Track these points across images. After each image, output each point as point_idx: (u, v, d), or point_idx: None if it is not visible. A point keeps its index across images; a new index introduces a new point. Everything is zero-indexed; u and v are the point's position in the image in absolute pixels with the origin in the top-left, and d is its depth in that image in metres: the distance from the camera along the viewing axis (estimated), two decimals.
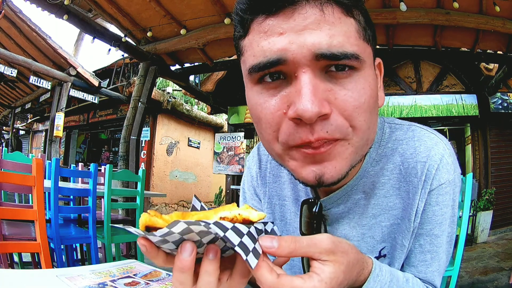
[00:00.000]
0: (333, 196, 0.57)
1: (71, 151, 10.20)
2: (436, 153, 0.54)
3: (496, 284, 3.02)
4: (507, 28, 3.30)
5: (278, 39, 0.41)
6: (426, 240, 0.56)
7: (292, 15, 0.41)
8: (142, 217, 0.33)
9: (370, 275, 0.44)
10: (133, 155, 4.21)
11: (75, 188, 2.66)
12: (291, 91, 0.42)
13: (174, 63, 4.73)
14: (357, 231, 0.58)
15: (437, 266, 0.57)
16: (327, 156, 0.44)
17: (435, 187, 0.54)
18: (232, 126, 7.02)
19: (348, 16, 0.42)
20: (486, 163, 5.28)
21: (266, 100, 0.44)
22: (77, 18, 3.53)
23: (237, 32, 0.48)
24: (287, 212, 0.66)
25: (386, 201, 0.56)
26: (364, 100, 0.43)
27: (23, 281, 0.61)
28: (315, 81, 0.41)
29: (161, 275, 0.72)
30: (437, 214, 0.55)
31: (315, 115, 0.40)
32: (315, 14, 0.40)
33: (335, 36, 0.40)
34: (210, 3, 3.44)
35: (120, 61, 8.03)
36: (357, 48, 0.42)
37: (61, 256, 2.10)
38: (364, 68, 0.44)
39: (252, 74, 0.44)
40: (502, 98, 5.18)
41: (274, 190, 0.68)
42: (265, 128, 0.45)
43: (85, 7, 3.79)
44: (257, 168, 0.70)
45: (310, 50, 0.40)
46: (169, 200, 8.69)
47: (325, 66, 0.42)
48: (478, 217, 4.85)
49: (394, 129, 0.58)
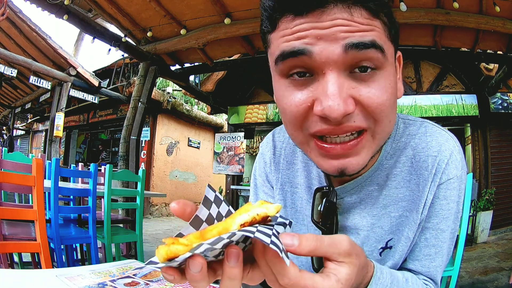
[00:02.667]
0: (348, 185, 0.58)
1: (71, 151, 10.21)
2: (446, 149, 0.56)
3: (496, 284, 3.02)
4: (507, 28, 3.30)
5: (306, 33, 0.42)
6: (432, 234, 0.57)
7: (320, 16, 0.42)
8: (160, 251, 0.31)
9: (372, 278, 0.44)
10: (133, 155, 4.21)
11: (75, 188, 2.66)
12: (317, 87, 0.44)
13: (174, 63, 4.72)
14: (367, 220, 0.59)
15: (440, 261, 0.58)
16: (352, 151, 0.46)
17: (444, 181, 0.56)
18: (232, 126, 7.02)
19: (374, 18, 0.44)
20: (486, 163, 5.27)
21: (292, 93, 0.46)
22: (77, 18, 3.53)
23: (264, 27, 0.49)
24: (298, 199, 0.66)
25: (396, 192, 0.58)
26: (386, 98, 0.45)
27: (23, 281, 0.61)
28: (341, 80, 0.43)
29: (160, 275, 0.72)
30: (444, 209, 0.57)
31: (341, 115, 0.42)
32: (344, 16, 0.42)
33: (364, 32, 0.42)
34: (210, 3, 3.44)
35: (120, 61, 8.03)
36: (383, 44, 0.44)
37: (61, 256, 2.10)
38: (386, 66, 0.46)
39: (278, 64, 0.46)
40: (502, 98, 5.18)
41: (287, 177, 0.68)
42: (289, 119, 0.48)
43: (85, 7, 3.79)
44: (271, 154, 0.71)
45: (339, 43, 0.41)
46: (169, 200, 8.69)
47: (350, 65, 0.43)
48: (478, 217, 4.85)
49: (407, 124, 0.60)
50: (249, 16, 3.58)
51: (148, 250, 4.09)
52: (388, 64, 0.46)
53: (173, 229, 6.45)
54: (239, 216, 0.33)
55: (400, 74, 0.54)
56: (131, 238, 2.79)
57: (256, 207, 0.34)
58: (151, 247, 4.45)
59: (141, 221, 2.74)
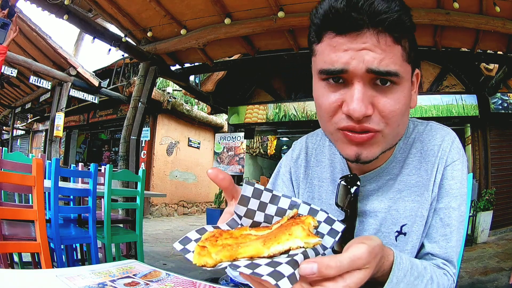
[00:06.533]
0: (368, 174, 0.70)
1: (71, 151, 10.21)
2: (448, 138, 0.70)
3: (496, 285, 3.02)
4: (507, 28, 3.30)
5: (343, 54, 0.55)
6: (445, 213, 0.67)
7: (356, 38, 0.54)
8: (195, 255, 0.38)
9: (394, 264, 0.49)
10: (133, 155, 4.21)
11: (75, 188, 2.66)
12: (346, 93, 0.57)
13: (174, 63, 4.72)
14: (384, 204, 0.70)
15: (455, 241, 0.66)
16: (366, 143, 0.59)
17: (449, 163, 0.68)
18: (232, 126, 7.02)
19: (396, 44, 0.55)
20: (486, 163, 5.27)
21: (327, 94, 0.59)
22: (77, 18, 3.53)
23: (311, 37, 0.62)
24: (324, 192, 0.78)
25: (409, 179, 0.69)
26: (398, 107, 0.57)
27: (23, 281, 0.61)
28: (364, 89, 0.55)
29: (160, 275, 0.72)
30: (453, 188, 0.67)
31: (362, 115, 0.55)
32: (372, 40, 0.54)
33: (384, 59, 0.54)
34: (210, 3, 3.44)
35: (120, 61, 8.03)
36: (399, 68, 0.56)
37: (61, 256, 2.10)
38: (403, 83, 0.58)
39: (321, 75, 0.59)
40: (502, 99, 5.18)
41: (316, 173, 0.81)
42: (323, 113, 0.61)
43: (85, 7, 3.78)
44: (304, 153, 0.85)
45: (365, 65, 0.54)
46: (169, 200, 8.69)
47: (373, 79, 0.55)
48: (478, 217, 4.85)
49: (416, 125, 0.74)
50: (249, 16, 3.58)
51: (148, 250, 4.09)
52: (404, 81, 0.58)
53: (173, 229, 6.45)
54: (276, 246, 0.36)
55: (416, 88, 0.66)
56: (131, 238, 2.79)
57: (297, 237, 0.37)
58: (151, 247, 4.44)
59: (141, 221, 2.74)
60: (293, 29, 3.76)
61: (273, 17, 3.46)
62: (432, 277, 0.58)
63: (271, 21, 3.51)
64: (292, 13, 3.39)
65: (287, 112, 6.38)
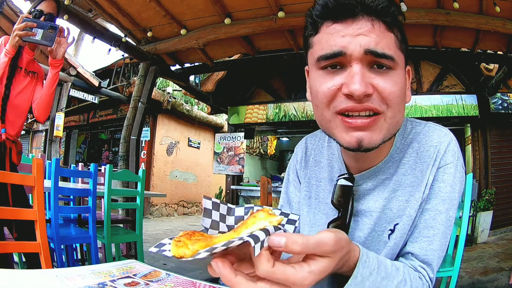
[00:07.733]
0: (365, 173, 0.70)
1: (71, 151, 10.20)
2: (445, 140, 0.68)
3: (496, 285, 3.02)
4: (507, 28, 3.30)
5: (341, 39, 0.57)
6: (431, 215, 0.66)
7: (351, 24, 0.57)
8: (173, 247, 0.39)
9: (359, 261, 0.48)
10: (133, 155, 4.21)
11: (75, 188, 2.66)
12: (346, 75, 0.58)
13: (174, 63, 4.72)
14: (379, 203, 0.69)
15: (437, 245, 0.65)
16: (368, 127, 0.58)
17: (442, 166, 0.67)
18: (232, 126, 7.02)
19: (389, 31, 0.59)
20: (486, 163, 5.27)
21: (325, 79, 0.60)
22: (77, 18, 3.53)
23: (308, 31, 0.64)
24: (321, 191, 0.79)
25: (404, 178, 0.69)
26: (396, 89, 0.58)
27: (23, 281, 0.61)
28: (363, 70, 0.57)
29: (160, 275, 0.72)
30: (442, 191, 0.66)
31: (363, 93, 0.55)
32: (368, 26, 0.57)
33: (380, 42, 0.57)
34: (210, 3, 3.44)
35: (120, 61, 8.04)
36: (394, 53, 0.58)
37: (61, 256, 2.10)
38: (397, 69, 0.59)
39: (320, 61, 0.60)
40: (502, 99, 5.18)
41: (314, 173, 0.82)
42: (321, 98, 0.61)
43: (85, 7, 3.78)
44: (303, 153, 0.86)
45: (362, 47, 0.56)
46: (169, 200, 8.70)
47: (370, 62, 0.57)
48: (478, 218, 4.85)
49: (414, 125, 0.73)
50: (249, 16, 3.58)
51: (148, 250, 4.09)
52: (399, 67, 0.60)
53: (173, 229, 6.45)
54: (245, 230, 0.39)
55: (409, 85, 0.67)
56: (131, 238, 2.79)
57: (259, 219, 0.40)
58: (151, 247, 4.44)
59: (141, 221, 2.74)
60: (293, 29, 3.76)
61: (273, 17, 3.46)
62: (406, 279, 0.56)
63: (271, 21, 3.51)
64: (292, 13, 3.39)
65: (287, 112, 6.37)
